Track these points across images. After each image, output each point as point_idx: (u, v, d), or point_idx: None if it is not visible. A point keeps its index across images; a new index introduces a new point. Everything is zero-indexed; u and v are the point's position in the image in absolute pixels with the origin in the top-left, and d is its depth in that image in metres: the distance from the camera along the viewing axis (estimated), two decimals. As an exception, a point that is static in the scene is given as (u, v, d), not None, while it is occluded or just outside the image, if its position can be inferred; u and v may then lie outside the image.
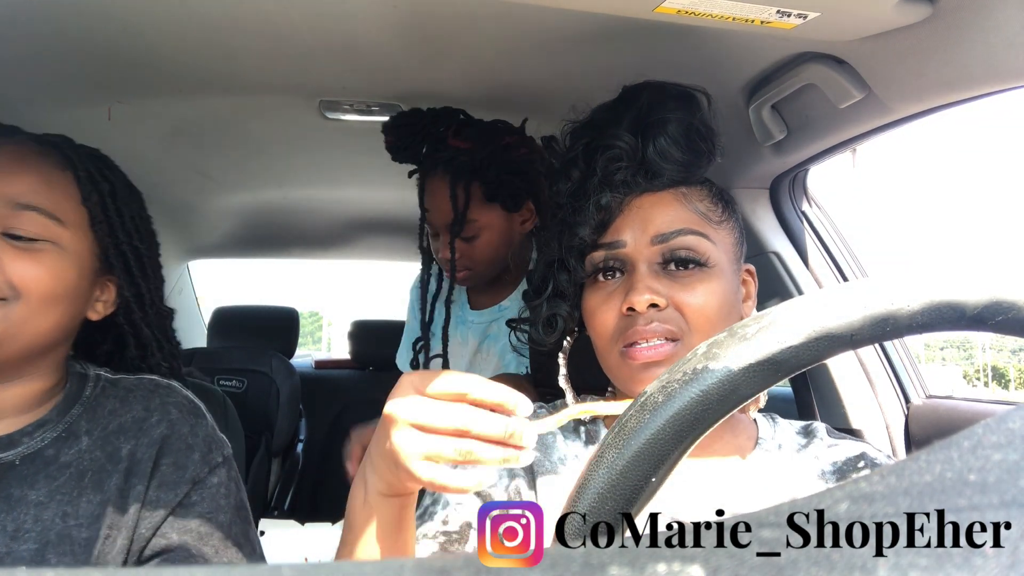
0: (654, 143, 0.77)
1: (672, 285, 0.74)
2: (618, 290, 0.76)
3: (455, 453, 0.51)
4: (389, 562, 0.16)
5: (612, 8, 0.80)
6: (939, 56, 0.84)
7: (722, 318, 0.74)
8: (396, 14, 0.94)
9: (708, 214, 0.77)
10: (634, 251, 0.76)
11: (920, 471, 0.18)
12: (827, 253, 1.38)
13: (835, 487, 0.18)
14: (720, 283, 0.75)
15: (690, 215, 0.76)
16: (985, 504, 0.16)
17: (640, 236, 0.76)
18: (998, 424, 0.20)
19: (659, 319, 0.72)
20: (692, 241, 0.75)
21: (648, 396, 0.39)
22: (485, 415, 0.51)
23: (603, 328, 0.76)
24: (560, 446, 0.80)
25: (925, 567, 0.14)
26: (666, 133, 0.77)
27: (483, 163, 1.21)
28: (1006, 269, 0.37)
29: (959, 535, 0.15)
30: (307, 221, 2.30)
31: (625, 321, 0.74)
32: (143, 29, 0.98)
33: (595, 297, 0.78)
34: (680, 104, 0.81)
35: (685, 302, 0.73)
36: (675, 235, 0.75)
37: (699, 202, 0.78)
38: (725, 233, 0.78)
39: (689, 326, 0.73)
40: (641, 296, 0.71)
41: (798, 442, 0.78)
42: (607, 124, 0.81)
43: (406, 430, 0.52)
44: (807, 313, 0.39)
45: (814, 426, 0.79)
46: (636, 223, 0.76)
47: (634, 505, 0.38)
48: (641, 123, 0.79)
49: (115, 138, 1.44)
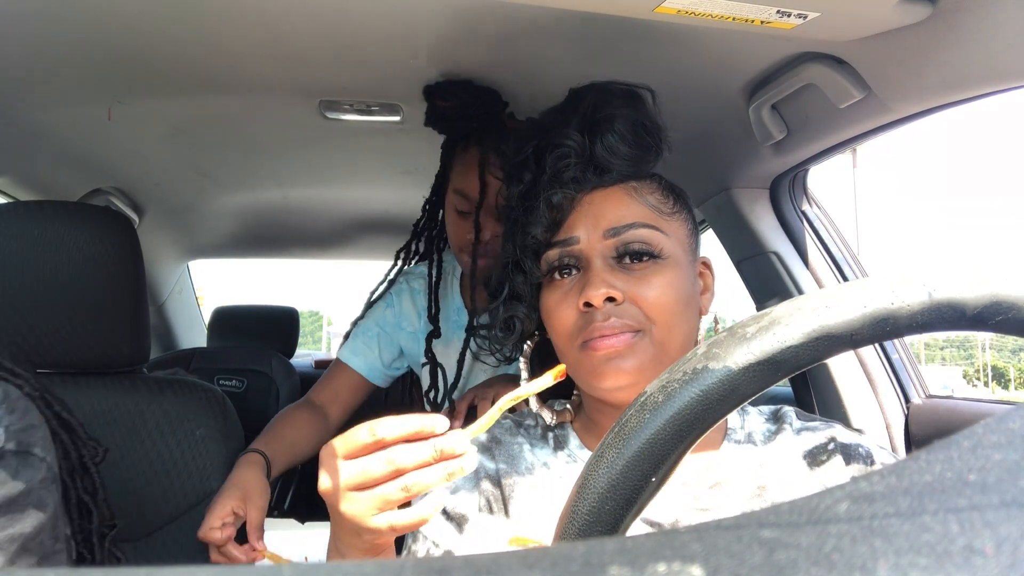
0: (601, 140, 0.78)
1: (628, 279, 0.74)
2: (574, 287, 0.76)
3: (401, 492, 0.53)
4: (389, 562, 0.16)
5: (612, 8, 0.80)
6: (939, 56, 0.84)
7: (680, 309, 0.74)
8: (396, 14, 0.94)
9: (659, 207, 0.78)
10: (588, 247, 0.76)
11: (920, 471, 0.18)
12: (827, 253, 1.38)
13: (835, 487, 0.18)
14: (675, 274, 0.75)
15: (641, 208, 0.77)
16: (985, 504, 0.16)
17: (593, 231, 0.76)
18: (998, 424, 0.20)
19: (616, 314, 0.72)
20: (645, 234, 0.75)
21: (648, 396, 0.39)
22: (409, 447, 0.54)
23: (562, 327, 0.76)
24: (527, 455, 0.78)
25: (925, 567, 0.14)
26: (613, 130, 0.78)
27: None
28: (1006, 269, 0.37)
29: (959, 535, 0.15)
30: (307, 221, 2.30)
31: (584, 318, 0.73)
32: (143, 29, 0.98)
33: (552, 296, 0.77)
34: (625, 101, 0.82)
35: (641, 295, 0.73)
36: (627, 228, 0.75)
37: (650, 195, 0.78)
38: (677, 225, 0.78)
39: (648, 319, 0.73)
40: (597, 290, 0.71)
41: (768, 429, 0.78)
42: (555, 125, 0.82)
43: (348, 496, 0.55)
44: (807, 313, 0.39)
45: (784, 411, 0.79)
46: (588, 219, 0.77)
47: (634, 505, 0.38)
48: (588, 121, 0.80)
49: (115, 138, 1.44)
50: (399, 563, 0.16)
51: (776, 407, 0.81)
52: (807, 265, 1.37)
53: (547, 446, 0.80)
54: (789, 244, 1.38)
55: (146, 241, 1.27)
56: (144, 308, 1.17)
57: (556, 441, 0.80)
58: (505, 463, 0.77)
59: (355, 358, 1.36)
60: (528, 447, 0.79)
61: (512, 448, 0.79)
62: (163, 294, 2.53)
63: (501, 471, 0.77)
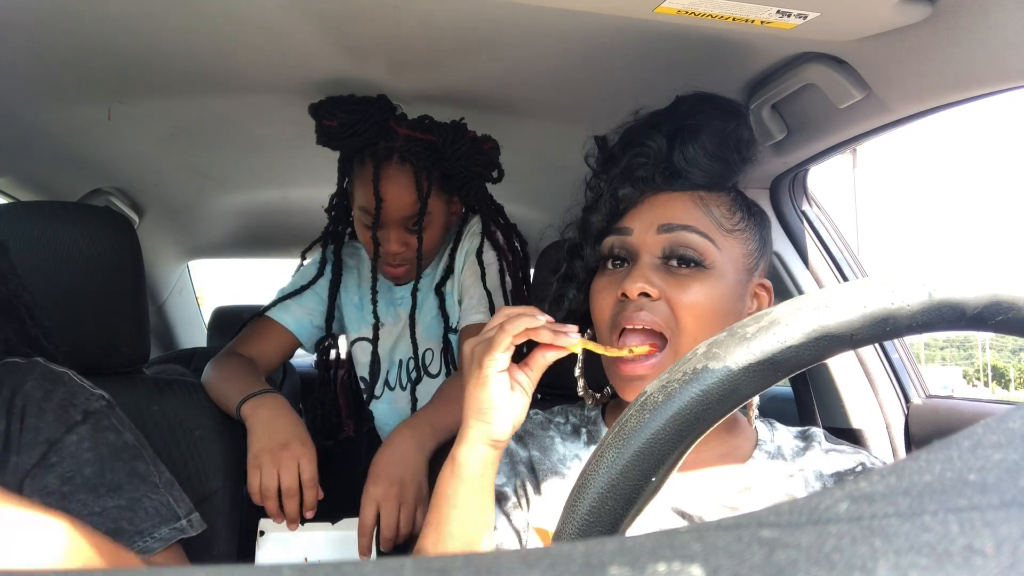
0: (682, 148, 0.79)
1: (668, 279, 0.75)
2: (620, 278, 0.78)
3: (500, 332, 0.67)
4: (389, 562, 0.16)
5: (612, 8, 0.80)
6: (939, 56, 0.84)
7: (713, 322, 0.75)
8: (397, 15, 0.94)
9: (721, 220, 0.78)
10: (639, 240, 0.78)
11: (920, 471, 0.18)
12: (827, 253, 1.38)
13: (835, 487, 0.18)
14: (717, 287, 0.75)
15: (701, 217, 0.78)
16: (985, 504, 0.16)
17: (648, 227, 0.78)
18: (998, 424, 0.20)
19: (649, 309, 0.74)
20: (695, 240, 0.76)
21: (648, 396, 0.39)
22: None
23: (600, 313, 0.79)
24: (559, 447, 0.81)
25: (925, 567, 0.14)
26: (696, 140, 0.80)
27: (453, 155, 1.19)
28: (1006, 269, 0.37)
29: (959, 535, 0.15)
30: (307, 221, 2.30)
31: (619, 306, 0.76)
32: (143, 29, 0.98)
33: (600, 281, 0.81)
34: (720, 114, 0.83)
35: (676, 298, 0.74)
36: (680, 228, 0.77)
37: (715, 207, 0.79)
38: (735, 243, 0.79)
39: (678, 325, 0.74)
40: (635, 283, 0.74)
41: (796, 446, 0.79)
42: (647, 126, 0.84)
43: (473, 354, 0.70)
44: (807, 313, 0.39)
45: (812, 431, 0.80)
46: (647, 215, 0.79)
47: (634, 505, 0.38)
48: (675, 127, 0.81)
49: (115, 138, 1.44)
50: (399, 563, 0.16)
51: (804, 428, 0.82)
52: (807, 265, 1.37)
53: (579, 440, 0.82)
54: (789, 244, 1.38)
55: (146, 241, 1.27)
56: (144, 308, 1.17)
57: (589, 436, 0.83)
58: (538, 451, 0.81)
59: (286, 315, 1.33)
60: (559, 440, 0.82)
61: (544, 441, 0.82)
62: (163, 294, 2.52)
63: (534, 458, 0.80)
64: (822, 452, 0.76)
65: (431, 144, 1.20)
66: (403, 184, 1.19)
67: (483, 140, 1.22)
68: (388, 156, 1.19)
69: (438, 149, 1.20)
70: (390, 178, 1.20)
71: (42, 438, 0.76)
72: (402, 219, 1.22)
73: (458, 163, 1.20)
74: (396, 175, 1.20)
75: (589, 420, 0.86)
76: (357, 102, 1.17)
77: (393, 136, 1.19)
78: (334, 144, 1.22)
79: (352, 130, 1.17)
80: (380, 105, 1.19)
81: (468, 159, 1.20)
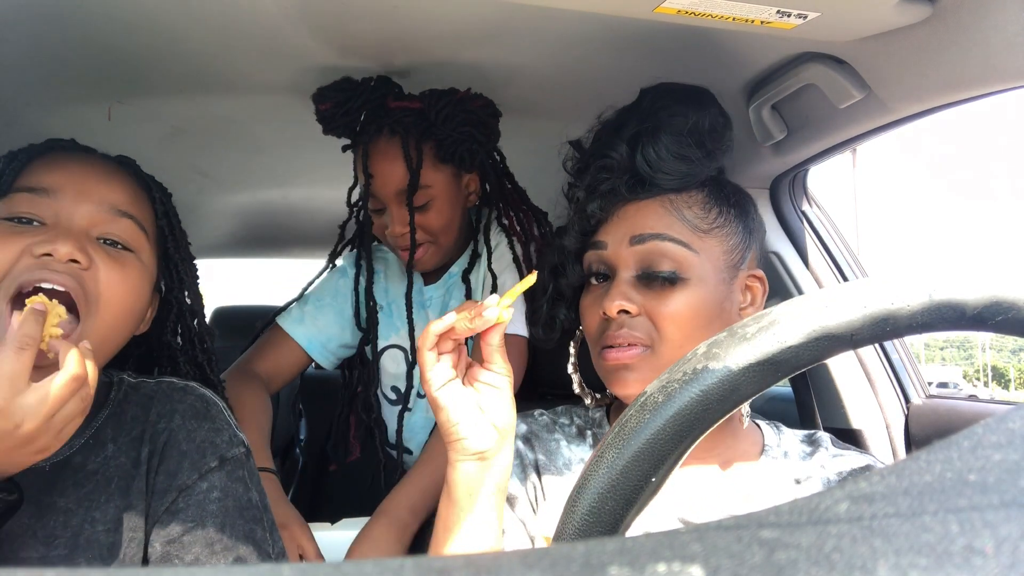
0: (644, 153, 0.78)
1: (647, 294, 0.75)
2: (602, 295, 0.78)
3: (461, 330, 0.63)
4: (389, 562, 0.16)
5: (612, 8, 0.80)
6: (939, 56, 0.84)
7: (696, 328, 0.74)
8: (396, 15, 0.94)
9: (696, 222, 0.77)
10: (614, 254, 0.78)
11: (920, 471, 0.18)
12: (827, 253, 1.38)
13: (835, 487, 0.18)
14: (697, 294, 0.75)
15: (673, 222, 0.77)
16: (985, 504, 0.16)
17: (620, 240, 0.78)
18: (998, 424, 0.20)
19: (629, 325, 0.75)
20: (670, 248, 0.75)
21: (648, 396, 0.39)
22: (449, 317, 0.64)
23: (589, 329, 0.80)
24: (565, 451, 0.81)
25: (925, 567, 0.14)
26: (657, 142, 0.78)
27: (437, 118, 1.12)
28: (1006, 269, 0.37)
29: (959, 535, 0.15)
30: (307, 221, 2.30)
31: (603, 324, 0.77)
32: (143, 29, 0.98)
33: (586, 299, 0.81)
34: (681, 108, 0.81)
35: (656, 311, 0.75)
36: (652, 238, 0.76)
37: (687, 209, 0.78)
38: (714, 242, 0.77)
39: (660, 335, 0.74)
40: (613, 302, 0.75)
41: (803, 450, 0.78)
42: (612, 130, 0.84)
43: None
44: (807, 313, 0.39)
45: (818, 435, 0.80)
46: (619, 228, 0.79)
47: (634, 505, 0.38)
48: (635, 131, 0.80)
49: (115, 138, 1.44)
50: (399, 563, 0.15)
51: (811, 431, 0.82)
52: (807, 265, 1.37)
53: (584, 443, 0.82)
54: (789, 244, 1.38)
55: (146, 241, 1.26)
56: (144, 308, 1.17)
57: (594, 439, 0.82)
58: (544, 455, 0.80)
59: (300, 331, 1.29)
60: (565, 443, 0.82)
61: (549, 444, 0.82)
62: (163, 294, 2.52)
63: (540, 462, 0.80)
64: (830, 457, 0.76)
65: (419, 112, 1.13)
66: (391, 156, 1.14)
67: (472, 98, 1.14)
68: (379, 131, 1.15)
69: (426, 116, 1.13)
70: (378, 152, 1.16)
71: (175, 484, 0.76)
72: (396, 194, 1.16)
73: (445, 126, 1.12)
74: (384, 148, 1.15)
75: (594, 422, 0.85)
76: (350, 82, 1.13)
77: (385, 112, 1.14)
78: (332, 128, 1.17)
79: (344, 108, 1.13)
80: (380, 83, 1.14)
81: (455, 119, 1.12)
